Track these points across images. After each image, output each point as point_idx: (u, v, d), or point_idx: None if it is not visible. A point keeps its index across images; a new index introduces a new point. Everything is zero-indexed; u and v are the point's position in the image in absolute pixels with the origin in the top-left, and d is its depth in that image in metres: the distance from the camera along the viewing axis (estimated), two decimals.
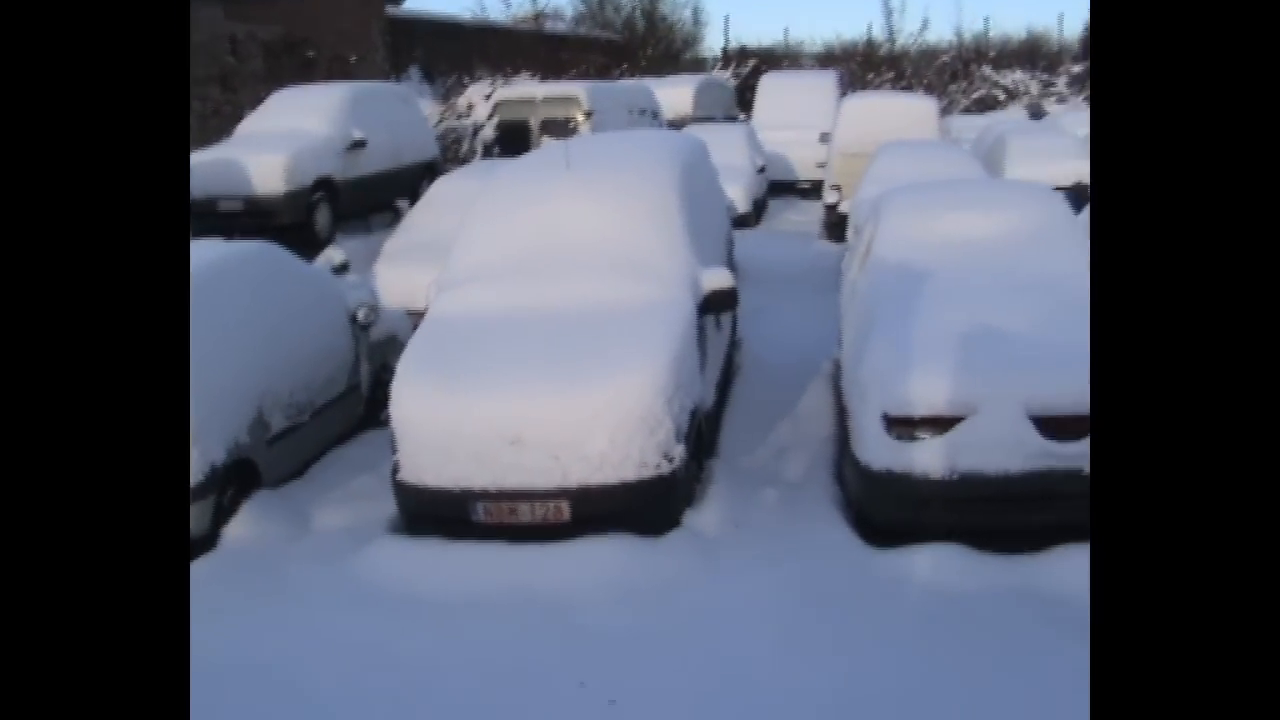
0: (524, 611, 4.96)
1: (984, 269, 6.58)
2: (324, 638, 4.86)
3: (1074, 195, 13.82)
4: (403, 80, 22.92)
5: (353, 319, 7.69)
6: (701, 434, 6.27)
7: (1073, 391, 5.37)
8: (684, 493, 5.82)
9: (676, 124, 19.64)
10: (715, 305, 6.60)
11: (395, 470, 5.82)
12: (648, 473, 5.51)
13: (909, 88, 33.47)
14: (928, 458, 5.36)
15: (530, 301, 6.23)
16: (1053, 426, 5.33)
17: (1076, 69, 37.37)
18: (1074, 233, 7.25)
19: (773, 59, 36.65)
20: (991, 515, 5.43)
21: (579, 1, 41.93)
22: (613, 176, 7.22)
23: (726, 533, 5.71)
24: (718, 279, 6.62)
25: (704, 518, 5.82)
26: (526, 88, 18.04)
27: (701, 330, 6.40)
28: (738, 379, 8.19)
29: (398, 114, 14.70)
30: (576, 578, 5.22)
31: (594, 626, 4.84)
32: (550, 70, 24.29)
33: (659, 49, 39.32)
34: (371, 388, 7.83)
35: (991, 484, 5.33)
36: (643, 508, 5.58)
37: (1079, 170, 15.80)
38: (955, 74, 37.14)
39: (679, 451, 5.64)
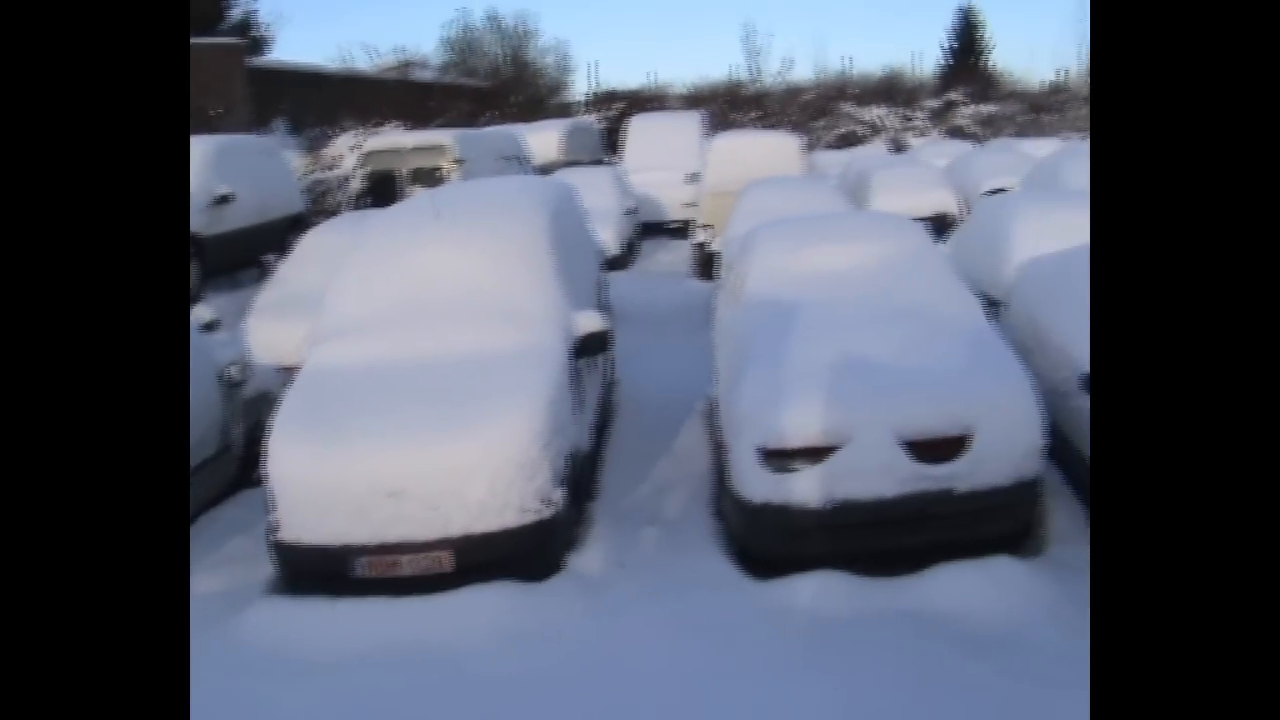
0: (412, 664, 4.90)
1: (852, 300, 6.74)
2: (206, 706, 4.72)
3: (935, 225, 14.27)
4: (268, 133, 22.60)
5: (223, 377, 7.52)
6: (580, 476, 6.28)
7: (940, 415, 5.55)
8: (565, 536, 5.82)
9: (546, 169, 19.71)
10: (589, 348, 6.63)
11: (272, 529, 5.70)
12: (528, 518, 5.50)
13: (774, 126, 34.08)
14: (804, 488, 5.45)
15: (404, 352, 6.19)
16: (923, 450, 5.48)
17: (934, 103, 38.46)
18: (936, 261, 7.47)
19: (640, 101, 37.02)
20: (869, 540, 5.54)
21: (445, 49, 41.93)
22: (482, 224, 7.23)
23: (610, 573, 5.72)
24: (590, 322, 6.66)
25: (587, 559, 5.83)
26: (394, 137, 17.92)
27: (576, 373, 6.43)
28: (615, 420, 8.22)
29: (263, 167, 14.42)
30: (463, 627, 5.17)
31: (484, 674, 4.80)
32: (418, 119, 24.18)
33: (526, 95, 39.43)
34: (245, 446, 7.66)
35: (868, 509, 5.44)
36: (525, 553, 5.57)
37: (940, 201, 16.29)
38: (818, 111, 37.95)
39: (559, 495, 5.64)
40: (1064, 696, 4.34)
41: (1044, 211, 9.90)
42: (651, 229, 19.70)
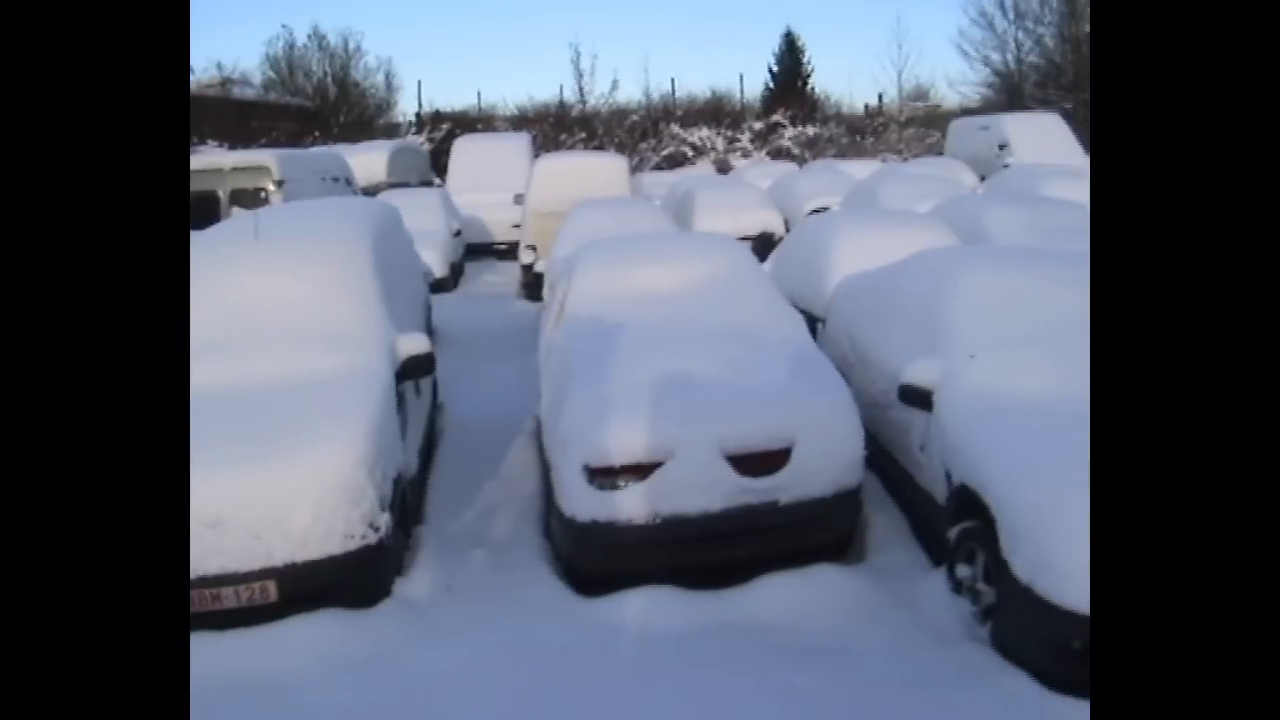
0: (240, 698, 4.74)
1: (675, 318, 6.85)
2: None
3: (759, 244, 14.58)
4: None
5: None
6: (407, 501, 6.20)
7: (763, 429, 5.67)
8: (393, 561, 5.73)
9: (370, 190, 19.45)
10: (413, 371, 6.56)
11: None
12: (354, 544, 5.39)
13: (601, 147, 34.36)
14: (630, 504, 5.49)
15: (224, 378, 6.00)
16: (747, 463, 5.58)
17: (758, 125, 39.25)
18: (758, 279, 7.64)
19: (467, 122, 36.87)
20: (697, 554, 5.61)
21: (268, 67, 40.98)
22: (303, 246, 7.09)
23: (439, 597, 5.66)
24: (415, 344, 6.59)
25: (415, 585, 5.75)
26: (214, 157, 17.41)
27: (401, 397, 6.35)
28: (442, 443, 8.15)
29: None
30: (291, 658, 5.03)
31: (315, 705, 4.68)
32: (239, 138, 23.57)
33: (352, 115, 38.85)
34: None
35: (694, 524, 5.51)
36: (351, 580, 5.46)
37: (764, 221, 16.63)
38: (645, 132, 38.37)
39: (384, 520, 5.56)
40: (890, 696, 4.49)
41: (861, 230, 10.21)
42: (478, 250, 19.62)
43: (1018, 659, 4.75)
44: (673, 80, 53.66)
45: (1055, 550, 4.53)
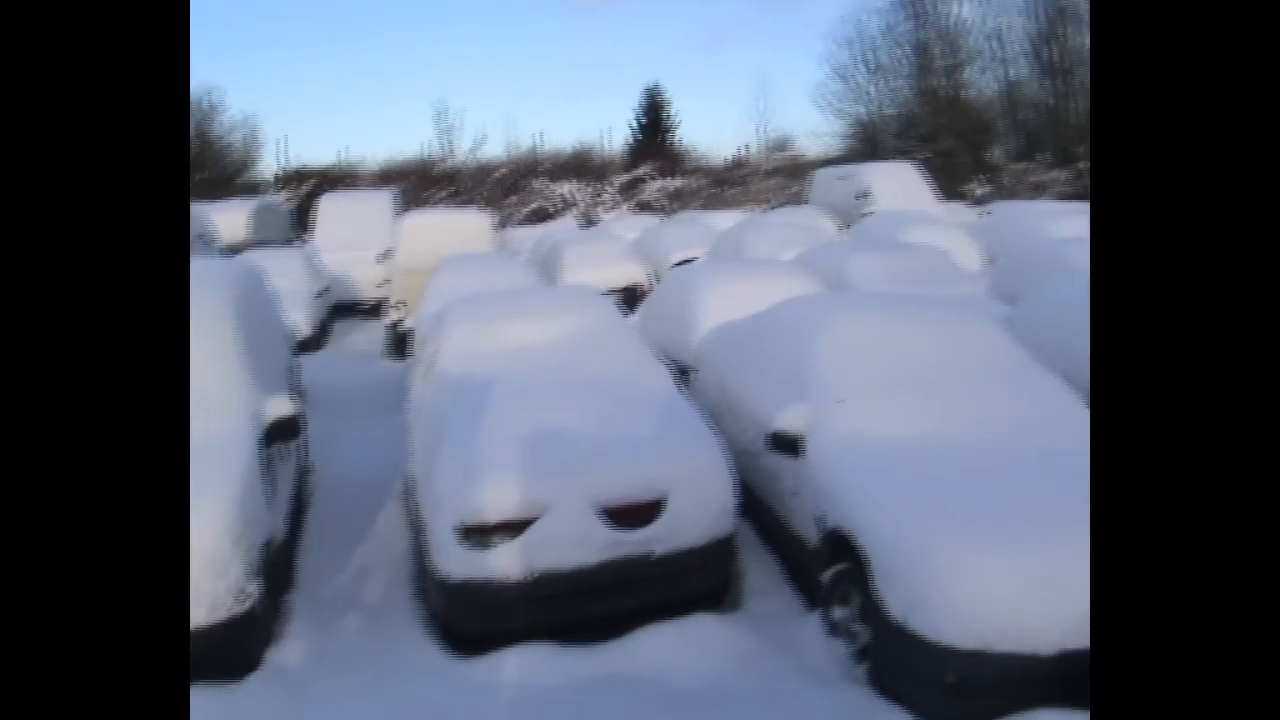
0: None
1: (544, 373, 6.84)
2: None
3: (627, 296, 14.68)
4: None
5: None
6: (277, 567, 6.04)
7: (635, 481, 5.68)
8: (263, 630, 5.57)
9: (233, 250, 19.07)
10: (280, 434, 6.41)
11: None
12: (221, 615, 5.22)
13: (467, 202, 34.28)
14: (505, 562, 5.44)
15: None
16: (620, 516, 5.58)
17: (623, 179, 39.59)
18: (624, 332, 7.68)
19: (331, 179, 36.44)
20: (573, 609, 5.57)
21: None
22: None
23: (311, 666, 5.51)
24: (281, 407, 6.45)
25: (286, 653, 5.59)
26: None
27: (268, 461, 6.21)
28: (312, 505, 7.98)
29: None
30: None
31: None
32: None
33: (212, 172, 38.11)
34: None
35: (569, 579, 5.48)
36: (220, 652, 5.29)
37: (630, 273, 16.75)
38: (511, 187, 38.42)
39: (254, 588, 5.40)
40: None
41: (728, 280, 10.34)
42: (345, 309, 19.35)
43: (895, 697, 4.82)
44: (538, 134, 53.93)
45: (927, 587, 4.62)
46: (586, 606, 5.57)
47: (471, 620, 5.60)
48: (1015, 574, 4.58)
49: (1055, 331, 8.39)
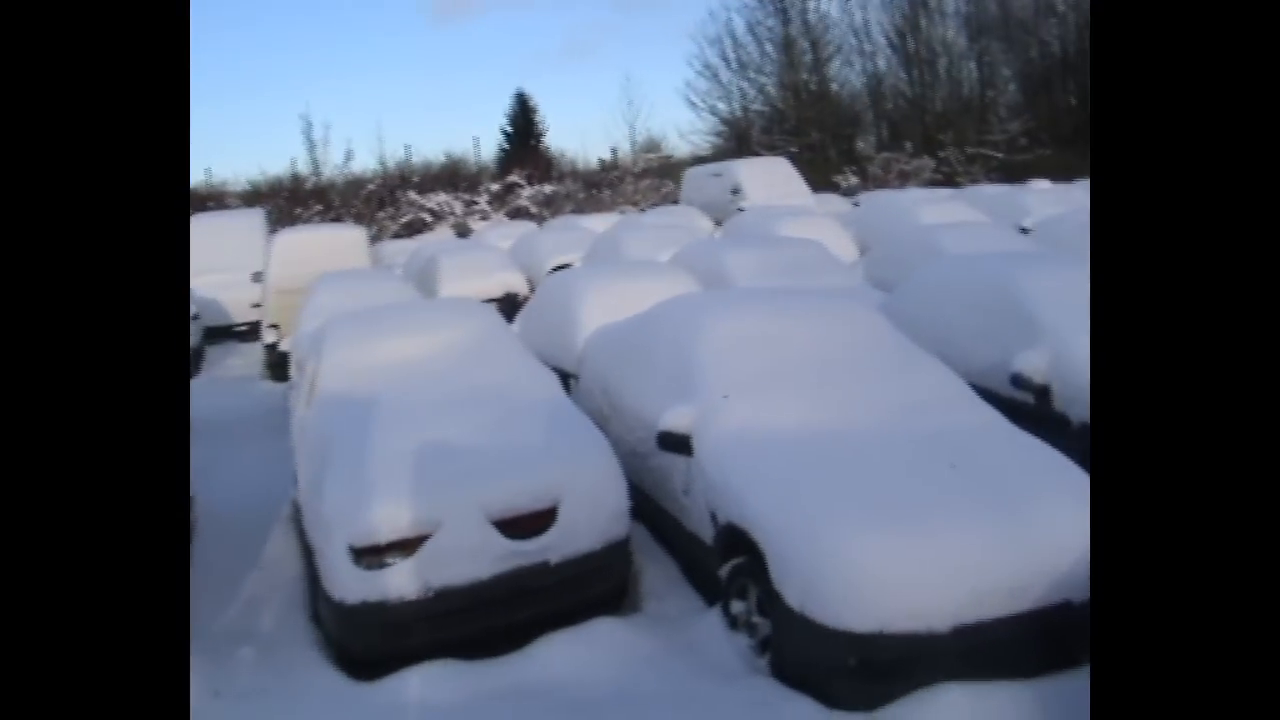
0: None
1: (428, 387, 6.76)
2: None
3: (505, 305, 14.59)
4: None
5: None
6: None
7: (527, 491, 5.65)
8: None
9: None
10: None
11: None
12: None
13: (338, 218, 33.73)
14: (400, 581, 5.36)
15: None
16: (514, 526, 5.55)
17: (495, 187, 39.38)
18: (506, 341, 7.64)
19: (197, 200, 35.52)
20: (472, 623, 5.51)
21: None
22: None
23: (206, 706, 5.35)
24: None
25: None
26: None
27: None
28: (196, 539, 7.76)
29: None
30: None
31: None
32: None
33: None
34: None
35: (466, 594, 5.42)
36: None
37: (507, 281, 16.66)
38: (382, 201, 37.87)
39: None
40: None
41: (606, 283, 10.34)
42: (218, 333, 18.90)
43: (799, 685, 4.87)
44: (407, 147, 53.38)
45: (823, 575, 4.68)
46: (486, 619, 5.52)
47: (370, 643, 5.50)
48: (908, 555, 4.67)
49: (931, 315, 8.59)
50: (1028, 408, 7.37)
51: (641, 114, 79.14)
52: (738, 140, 46.38)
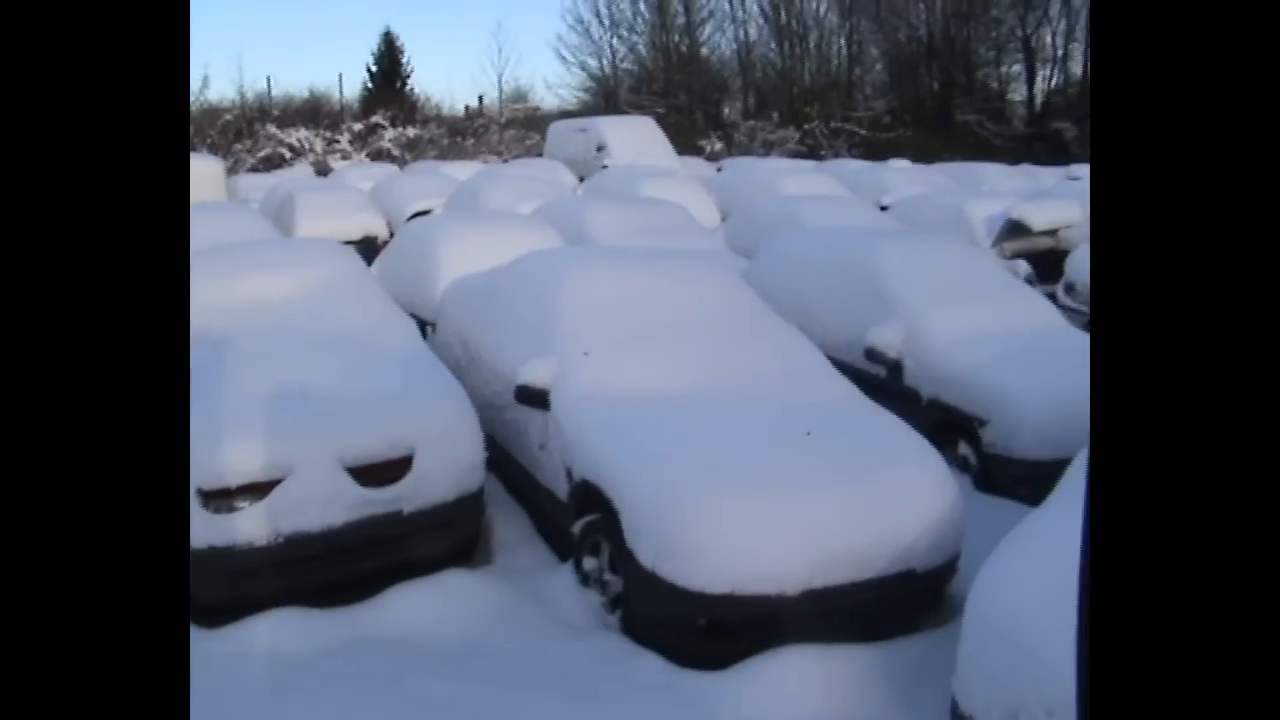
0: None
1: (284, 329, 6.60)
2: None
3: (363, 248, 14.34)
4: None
5: None
6: None
7: (381, 438, 5.57)
8: None
9: None
10: None
11: None
12: None
13: (193, 149, 32.64)
14: (250, 526, 5.25)
15: None
16: (367, 474, 5.47)
17: (358, 127, 38.58)
18: (367, 285, 7.50)
19: None
20: (322, 571, 5.43)
21: None
22: None
23: None
24: None
25: None
26: None
27: None
28: None
29: None
30: None
31: None
32: None
33: None
34: None
35: (317, 540, 5.34)
36: None
37: (367, 224, 16.38)
38: (240, 133, 36.77)
39: None
40: (529, 694, 4.55)
41: (467, 232, 10.26)
42: None
43: (648, 642, 4.95)
44: (268, 78, 51.88)
45: (676, 536, 4.75)
46: (337, 568, 5.44)
47: (216, 589, 5.35)
48: (761, 519, 4.77)
49: (789, 285, 8.74)
50: (880, 381, 7.57)
51: (511, 63, 78.57)
52: (605, 98, 46.37)
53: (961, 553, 5.23)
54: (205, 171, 16.63)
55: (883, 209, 16.26)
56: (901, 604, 5.05)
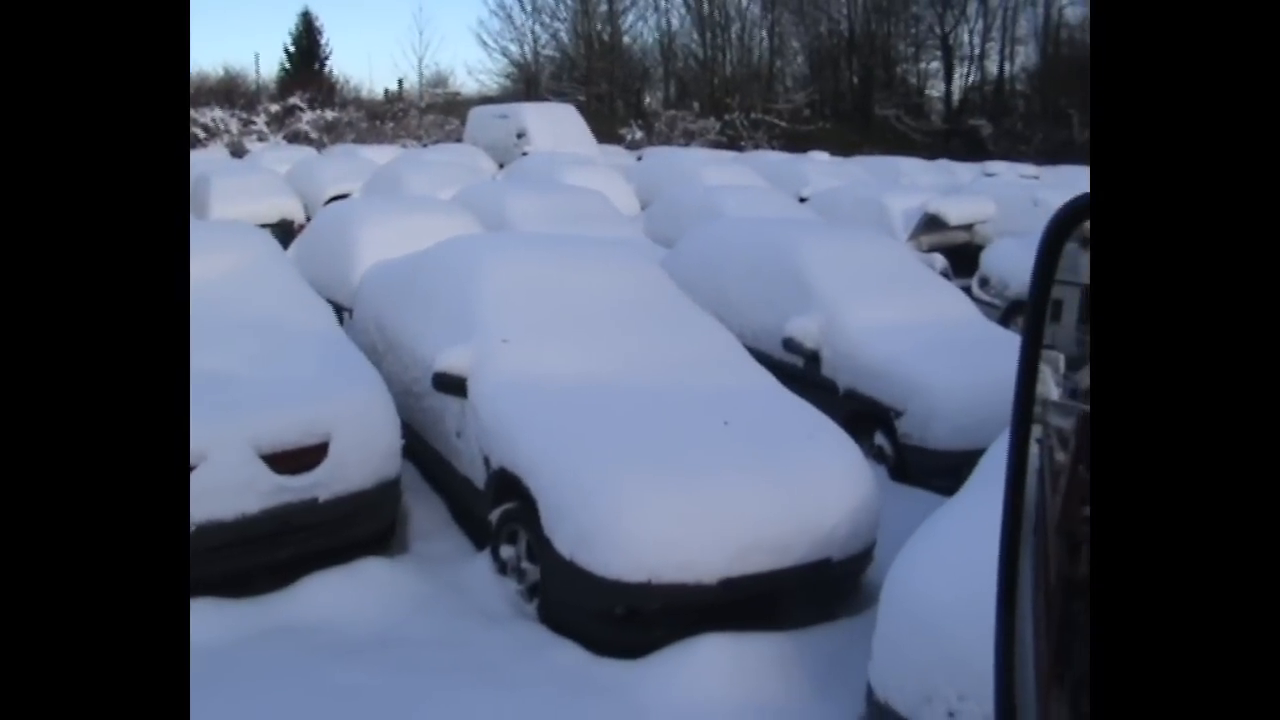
0: None
1: (197, 313, 6.42)
2: None
3: (279, 231, 14.13)
4: None
5: None
6: None
7: (297, 425, 5.49)
8: None
9: None
10: None
11: None
12: None
13: None
14: None
15: None
16: (283, 461, 5.38)
17: (275, 108, 38.03)
18: (283, 270, 7.39)
19: None
20: (236, 560, 5.32)
21: None
22: None
23: None
24: None
25: None
26: None
27: None
28: None
29: None
30: None
31: None
32: None
33: None
34: None
35: (231, 529, 5.24)
36: None
37: (283, 207, 16.16)
38: None
39: None
40: (444, 683, 4.52)
41: (386, 217, 10.17)
42: None
43: (566, 631, 4.95)
44: None
45: (594, 525, 4.75)
46: (251, 556, 5.34)
47: None
48: (678, 508, 4.79)
49: (708, 275, 8.78)
50: (798, 371, 7.64)
51: (432, 47, 77.99)
52: (527, 84, 46.18)
53: (877, 541, 5.29)
54: None
55: (802, 201, 16.40)
56: (818, 592, 5.10)
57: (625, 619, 4.78)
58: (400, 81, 46.26)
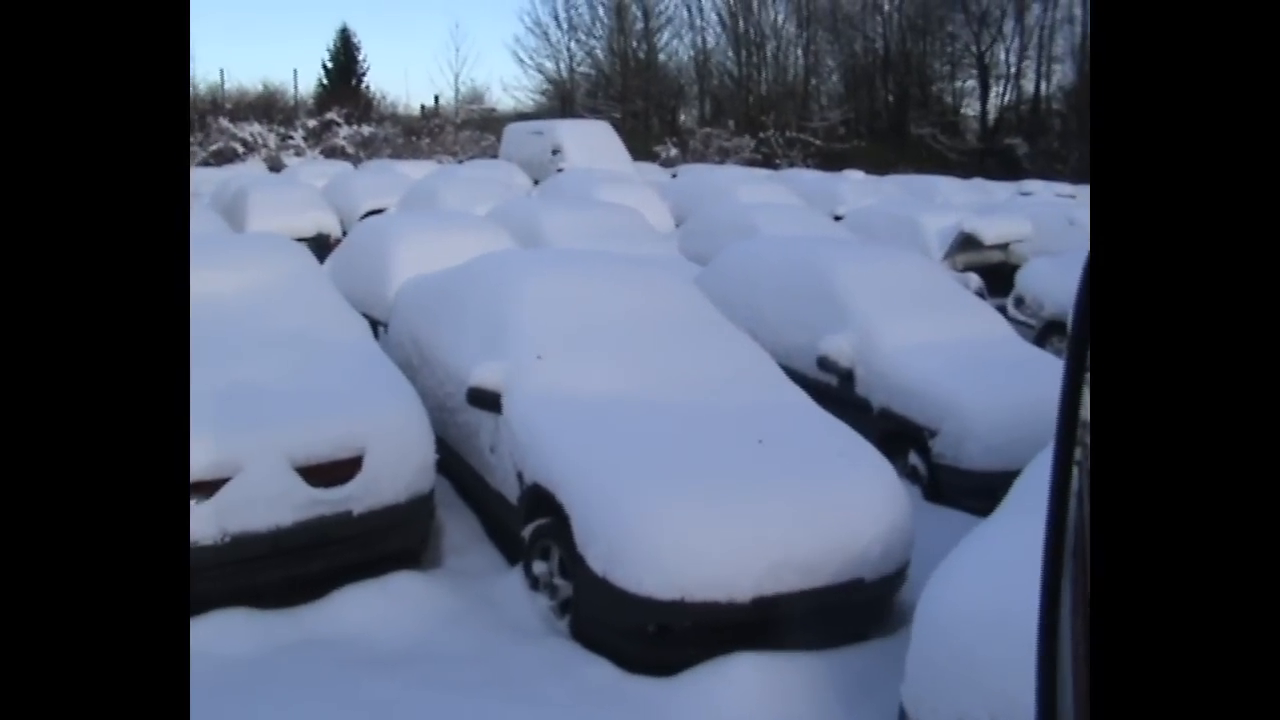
0: None
1: (234, 325, 6.52)
2: None
3: (316, 245, 14.22)
4: None
5: None
6: None
7: (332, 438, 5.52)
8: None
9: None
10: None
11: None
12: None
13: None
14: (196, 525, 5.17)
15: None
16: (317, 474, 5.41)
17: (312, 123, 38.33)
18: (319, 283, 7.44)
19: None
20: (270, 571, 5.36)
21: None
22: None
23: None
24: None
25: None
26: None
27: None
28: None
29: None
30: None
31: None
32: None
33: None
34: None
35: (265, 540, 5.27)
36: None
37: (320, 221, 16.25)
38: (192, 126, 36.42)
39: None
40: (474, 698, 4.52)
41: (421, 232, 10.21)
42: None
43: (597, 648, 4.94)
44: (221, 71, 51.42)
45: (627, 542, 4.74)
46: (284, 568, 5.37)
47: None
48: (711, 526, 4.77)
49: (743, 292, 8.77)
50: (832, 390, 7.61)
51: (468, 64, 78.43)
52: (562, 101, 46.37)
53: (910, 562, 5.26)
54: None
55: (837, 219, 16.37)
56: (851, 612, 5.07)
57: (657, 637, 4.77)
58: (436, 97, 46.53)
